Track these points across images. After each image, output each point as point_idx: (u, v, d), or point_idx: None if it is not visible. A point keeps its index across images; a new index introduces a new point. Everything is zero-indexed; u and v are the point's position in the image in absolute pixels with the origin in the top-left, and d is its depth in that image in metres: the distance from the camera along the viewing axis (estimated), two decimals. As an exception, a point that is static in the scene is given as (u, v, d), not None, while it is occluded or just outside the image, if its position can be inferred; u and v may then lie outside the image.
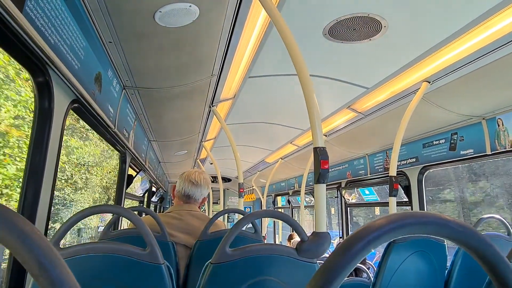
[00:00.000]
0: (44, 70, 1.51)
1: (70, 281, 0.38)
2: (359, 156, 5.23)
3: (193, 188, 2.10)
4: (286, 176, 8.45)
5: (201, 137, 5.18)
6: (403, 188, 4.13)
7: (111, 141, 3.00)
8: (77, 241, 5.74)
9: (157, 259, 1.31)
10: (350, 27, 2.26)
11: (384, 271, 2.06)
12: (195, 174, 2.14)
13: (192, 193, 2.11)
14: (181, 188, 2.11)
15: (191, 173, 2.15)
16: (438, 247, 2.24)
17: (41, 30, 1.33)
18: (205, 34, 2.14)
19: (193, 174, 2.14)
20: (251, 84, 3.33)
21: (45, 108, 1.59)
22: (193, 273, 1.87)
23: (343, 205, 5.91)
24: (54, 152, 1.68)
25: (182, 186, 2.11)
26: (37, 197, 1.57)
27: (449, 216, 0.46)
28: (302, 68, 1.67)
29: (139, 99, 3.12)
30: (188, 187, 2.10)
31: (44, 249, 0.37)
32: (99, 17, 1.85)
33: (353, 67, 2.89)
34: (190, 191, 2.10)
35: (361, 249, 0.41)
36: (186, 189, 2.10)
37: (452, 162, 3.52)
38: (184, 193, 2.10)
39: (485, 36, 2.13)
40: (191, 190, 2.10)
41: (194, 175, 2.13)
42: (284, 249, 1.38)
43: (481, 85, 2.65)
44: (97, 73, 2.13)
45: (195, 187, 2.11)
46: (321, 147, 1.56)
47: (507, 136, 2.86)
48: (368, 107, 3.58)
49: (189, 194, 2.10)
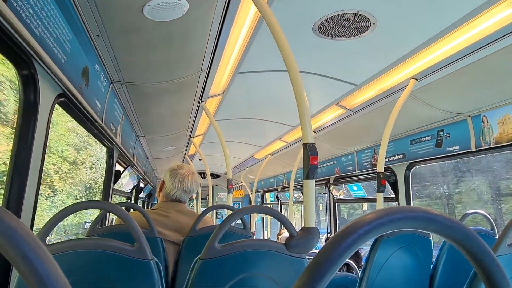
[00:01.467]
0: (29, 63, 1.47)
1: (58, 277, 0.37)
2: (348, 152, 5.27)
3: (185, 195, 2.07)
4: (275, 172, 8.48)
5: (190, 133, 5.15)
6: (390, 184, 4.19)
7: (98, 136, 2.96)
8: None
9: (145, 255, 1.30)
10: (339, 23, 2.27)
11: (372, 266, 2.09)
12: (188, 181, 2.05)
13: (183, 199, 2.08)
14: (172, 193, 2.04)
15: (184, 178, 2.05)
16: (424, 242, 2.28)
17: (26, 22, 1.30)
18: (195, 29, 2.13)
19: (186, 182, 2.04)
20: (241, 80, 3.33)
21: (30, 102, 1.55)
22: (182, 269, 1.87)
23: (331, 201, 5.96)
24: (40, 147, 1.65)
25: (174, 191, 2.04)
26: (22, 193, 1.54)
27: (437, 210, 0.47)
28: (292, 64, 1.67)
29: (127, 94, 3.08)
30: (180, 194, 2.05)
31: (31, 244, 0.36)
32: (87, 10, 1.81)
33: (342, 64, 2.91)
34: (181, 197, 2.06)
35: (351, 244, 0.42)
36: (178, 196, 2.05)
37: (438, 159, 3.58)
38: (175, 198, 2.06)
39: (471, 34, 2.17)
40: (182, 196, 2.07)
41: (188, 183, 2.04)
42: (273, 244, 1.38)
43: (466, 82, 2.69)
44: (84, 67, 2.09)
45: (187, 194, 2.07)
46: (310, 143, 1.57)
47: (492, 133, 2.92)
48: (357, 104, 3.61)
49: (180, 200, 2.07)
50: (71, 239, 1.32)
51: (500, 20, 1.99)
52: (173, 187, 2.04)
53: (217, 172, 11.68)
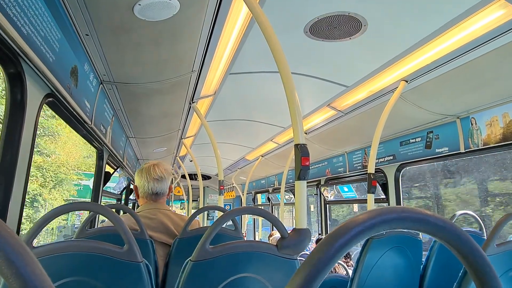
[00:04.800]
0: (15, 61, 1.44)
1: (42, 279, 0.36)
2: (338, 153, 5.30)
3: (158, 184, 2.04)
4: (266, 173, 8.48)
5: (181, 134, 5.12)
6: (380, 185, 4.22)
7: (87, 137, 2.92)
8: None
9: (135, 257, 1.28)
10: (330, 25, 2.28)
11: (363, 267, 2.10)
12: (155, 170, 2.05)
13: (160, 189, 2.05)
14: (146, 188, 2.03)
15: (150, 169, 2.05)
16: (414, 242, 2.30)
17: (12, 19, 1.27)
18: (186, 29, 2.11)
19: (153, 170, 2.04)
20: (232, 81, 3.32)
21: (17, 102, 1.52)
22: (173, 271, 1.85)
23: (322, 202, 5.98)
24: (27, 148, 1.62)
25: (146, 186, 2.03)
26: (8, 195, 1.50)
27: (428, 211, 0.47)
28: (284, 65, 1.67)
29: (117, 94, 3.05)
30: (154, 185, 2.03)
31: (14, 246, 0.35)
32: (76, 8, 1.78)
33: (334, 66, 2.92)
34: (156, 188, 2.04)
35: (344, 244, 0.42)
36: (153, 187, 2.03)
37: (427, 160, 3.62)
38: (152, 192, 2.04)
39: (460, 37, 2.19)
40: (158, 187, 2.04)
41: (155, 171, 2.04)
42: (265, 245, 1.38)
43: (456, 85, 2.73)
44: (73, 66, 2.06)
45: (161, 183, 2.05)
46: (302, 144, 1.57)
47: (480, 135, 2.96)
48: (348, 106, 3.63)
49: (156, 192, 2.05)
50: (59, 241, 1.29)
51: (489, 22, 2.01)
52: (144, 181, 2.04)
53: (208, 174, 11.65)
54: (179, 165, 7.78)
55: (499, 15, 1.94)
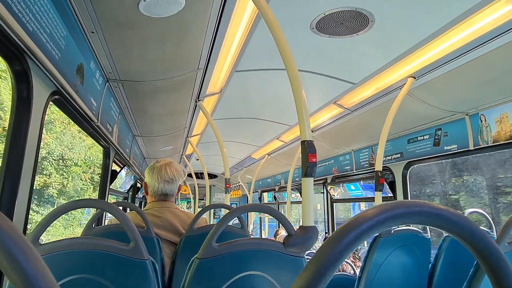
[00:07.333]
0: (21, 59, 1.44)
1: (46, 277, 0.35)
2: (345, 152, 5.26)
3: (169, 186, 2.04)
4: (272, 172, 8.46)
5: (187, 133, 5.12)
6: (388, 184, 4.18)
7: (94, 135, 2.92)
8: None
9: (141, 255, 1.28)
10: (337, 21, 2.25)
11: (370, 265, 2.08)
12: (166, 171, 2.03)
13: (169, 191, 2.05)
14: (156, 189, 2.02)
15: (161, 170, 2.04)
16: (422, 241, 2.27)
17: (18, 16, 1.27)
18: (191, 26, 2.10)
19: (165, 171, 2.03)
20: (238, 79, 3.30)
21: (23, 99, 1.52)
22: (179, 269, 1.85)
23: (329, 201, 5.95)
24: (34, 145, 1.62)
25: (157, 186, 2.02)
26: (14, 192, 1.51)
27: (441, 205, 0.45)
28: (290, 62, 1.65)
29: (123, 92, 3.05)
30: (164, 186, 2.02)
31: (16, 241, 0.34)
32: (81, 5, 1.78)
33: (340, 62, 2.89)
34: (166, 190, 2.03)
35: (354, 240, 0.40)
36: (163, 189, 2.02)
37: (436, 158, 3.58)
38: (161, 193, 2.03)
39: (469, 32, 2.16)
40: (168, 188, 2.03)
41: (166, 173, 2.03)
42: (271, 243, 1.37)
43: (464, 81, 2.69)
44: (79, 64, 2.06)
45: (171, 185, 2.04)
46: (309, 141, 1.55)
47: (490, 132, 2.91)
48: (355, 103, 3.59)
49: (166, 193, 2.04)
50: (66, 238, 1.30)
51: (498, 17, 1.97)
52: (154, 182, 2.03)
53: (215, 172, 11.67)
54: (185, 163, 7.80)
55: (507, 10, 1.90)
